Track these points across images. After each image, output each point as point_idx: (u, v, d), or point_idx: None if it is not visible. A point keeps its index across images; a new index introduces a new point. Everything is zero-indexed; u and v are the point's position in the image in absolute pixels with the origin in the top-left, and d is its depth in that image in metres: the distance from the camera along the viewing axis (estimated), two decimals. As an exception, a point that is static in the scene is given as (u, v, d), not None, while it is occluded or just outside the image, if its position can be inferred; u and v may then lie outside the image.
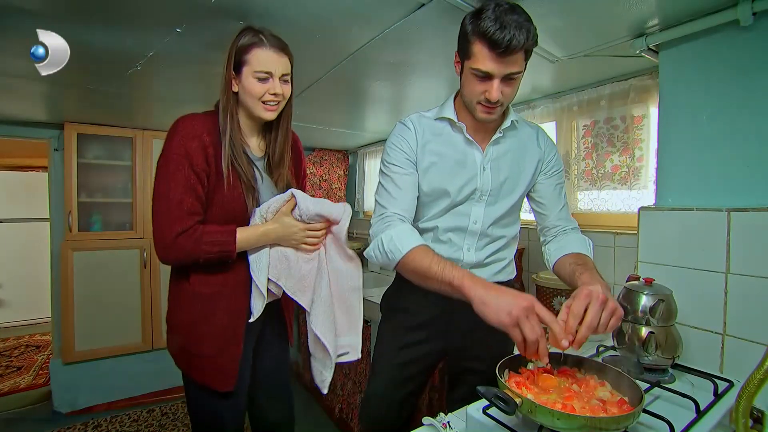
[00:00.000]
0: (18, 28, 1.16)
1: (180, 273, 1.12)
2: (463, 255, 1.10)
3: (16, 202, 4.33)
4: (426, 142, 1.08)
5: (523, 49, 0.89)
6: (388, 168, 1.09)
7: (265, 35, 1.04)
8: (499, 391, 0.71)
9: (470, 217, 1.08)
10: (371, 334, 2.02)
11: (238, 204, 1.08)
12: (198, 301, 1.09)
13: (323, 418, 2.52)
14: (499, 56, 0.89)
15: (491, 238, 1.11)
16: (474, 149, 1.07)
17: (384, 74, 1.60)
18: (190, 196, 1.02)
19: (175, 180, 1.01)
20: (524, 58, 0.92)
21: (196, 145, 1.02)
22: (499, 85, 0.93)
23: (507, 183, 1.09)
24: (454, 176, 1.07)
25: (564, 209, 1.16)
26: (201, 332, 1.09)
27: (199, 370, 1.10)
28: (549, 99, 1.87)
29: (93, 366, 2.62)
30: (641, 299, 1.03)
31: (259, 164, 1.16)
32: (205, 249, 1.02)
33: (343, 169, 3.54)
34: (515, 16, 0.87)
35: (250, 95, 1.05)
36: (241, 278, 1.12)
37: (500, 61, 0.90)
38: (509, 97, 0.96)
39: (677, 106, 1.18)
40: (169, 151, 1.02)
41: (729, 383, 0.93)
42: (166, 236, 1.00)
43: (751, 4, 0.96)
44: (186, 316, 1.10)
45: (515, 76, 0.93)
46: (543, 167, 1.14)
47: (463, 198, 1.07)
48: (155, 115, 2.36)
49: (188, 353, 1.11)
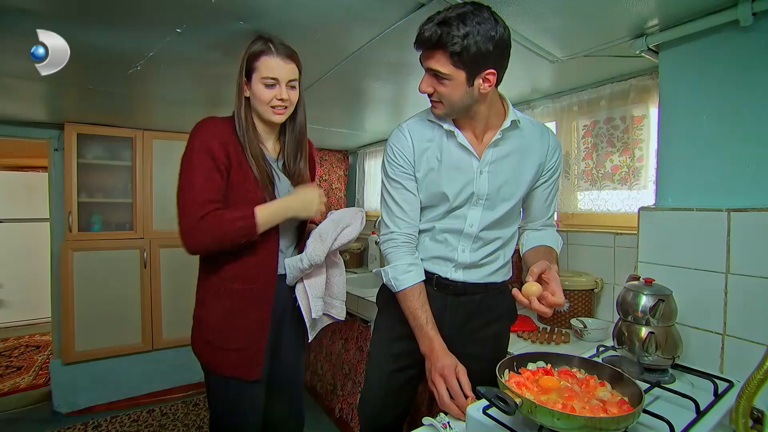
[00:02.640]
0: (18, 28, 1.16)
1: (210, 269, 1.17)
2: (457, 255, 1.11)
3: (16, 202, 4.33)
4: (423, 150, 1.09)
5: (442, 49, 0.90)
6: (388, 182, 1.14)
7: (273, 43, 1.11)
8: (499, 392, 0.71)
9: (467, 219, 1.09)
10: (371, 334, 2.02)
11: (258, 200, 1.13)
12: (230, 296, 1.15)
13: (323, 418, 2.52)
14: (418, 49, 0.95)
15: (486, 240, 1.12)
16: (468, 154, 1.06)
17: (384, 74, 1.60)
18: (210, 185, 1.08)
19: (198, 171, 1.07)
20: (449, 60, 0.91)
21: (217, 142, 1.09)
22: (428, 77, 0.97)
23: (506, 187, 1.08)
24: (451, 181, 1.07)
25: (550, 218, 1.20)
26: (233, 326, 1.15)
27: (230, 363, 1.15)
28: (549, 99, 1.87)
29: (93, 366, 2.62)
30: (641, 299, 1.03)
31: (275, 165, 1.23)
32: (226, 227, 1.06)
33: (343, 169, 3.54)
34: (452, 14, 0.88)
35: (259, 100, 1.13)
36: (271, 272, 1.19)
37: (421, 55, 0.96)
38: (445, 96, 0.97)
39: (677, 106, 1.18)
40: (192, 146, 1.09)
41: (729, 383, 0.93)
42: (190, 223, 1.05)
43: (751, 5, 0.96)
44: (217, 311, 1.15)
45: (440, 75, 0.93)
46: (542, 171, 1.12)
47: (461, 202, 1.08)
48: (155, 115, 2.36)
49: (218, 347, 1.15)
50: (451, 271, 1.13)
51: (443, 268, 1.14)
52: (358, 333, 2.16)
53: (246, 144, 1.13)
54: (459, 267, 1.12)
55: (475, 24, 0.88)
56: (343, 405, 2.29)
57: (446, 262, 1.13)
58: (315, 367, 2.70)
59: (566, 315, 1.61)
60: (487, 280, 1.14)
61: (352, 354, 2.21)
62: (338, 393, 2.34)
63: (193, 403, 2.73)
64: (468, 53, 0.89)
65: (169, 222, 2.76)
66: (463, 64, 0.91)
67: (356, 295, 2.13)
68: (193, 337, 1.21)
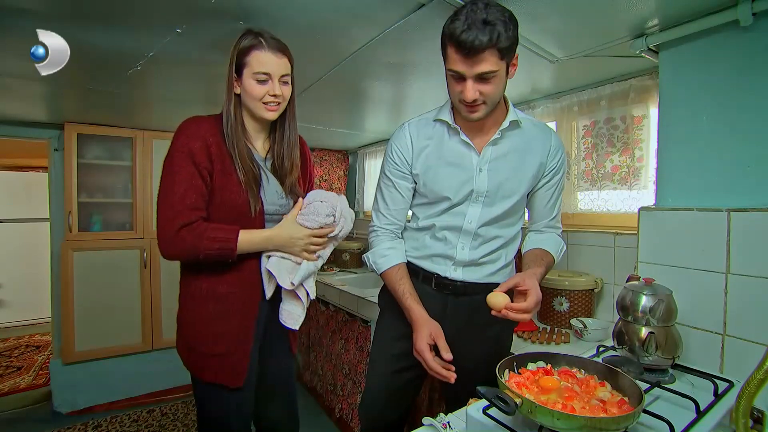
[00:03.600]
0: (18, 29, 1.16)
1: (192, 272, 1.13)
2: (456, 253, 1.12)
3: (16, 203, 4.33)
4: (423, 147, 1.12)
5: (493, 48, 0.89)
6: (382, 178, 1.21)
7: (264, 37, 1.05)
8: (500, 392, 0.71)
9: (466, 216, 1.10)
10: (371, 334, 2.02)
11: (241, 204, 1.09)
12: (212, 300, 1.11)
13: (323, 418, 2.52)
14: (466, 57, 0.90)
15: (486, 237, 1.12)
16: (470, 150, 1.08)
17: (384, 74, 1.60)
18: (193, 192, 1.04)
19: (179, 177, 1.03)
20: (498, 56, 0.91)
21: (199, 144, 1.05)
22: (473, 84, 0.94)
23: (506, 184, 1.09)
24: (452, 179, 1.09)
25: (554, 219, 1.19)
26: (215, 331, 1.11)
27: (210, 369, 1.11)
28: (549, 99, 1.87)
29: (93, 366, 2.62)
30: (641, 299, 1.03)
31: (264, 165, 1.17)
32: (205, 244, 1.03)
33: (343, 169, 3.54)
34: (486, 15, 0.87)
35: (251, 96, 1.07)
36: (255, 279, 1.15)
37: (468, 62, 0.91)
38: (490, 95, 0.96)
39: (677, 106, 1.18)
40: (174, 150, 1.05)
41: (729, 383, 0.93)
42: (169, 230, 1.02)
43: (751, 5, 0.96)
44: (199, 315, 1.12)
45: (488, 75, 0.92)
46: (544, 171, 1.13)
47: (461, 199, 1.09)
48: (155, 115, 2.36)
49: (199, 353, 1.12)
50: (451, 269, 1.13)
51: (442, 266, 1.14)
52: (358, 333, 2.16)
53: (234, 143, 1.08)
54: (458, 265, 1.13)
55: (501, 13, 0.89)
56: (343, 405, 2.29)
57: (446, 259, 1.14)
58: (315, 367, 2.69)
59: (566, 315, 1.61)
60: (488, 281, 1.14)
61: (352, 354, 2.21)
62: (338, 393, 2.34)
63: (193, 404, 2.73)
64: (511, 43, 0.91)
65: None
66: (505, 55, 0.92)
67: (356, 295, 2.13)
68: (177, 342, 1.18)
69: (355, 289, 2.28)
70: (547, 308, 1.66)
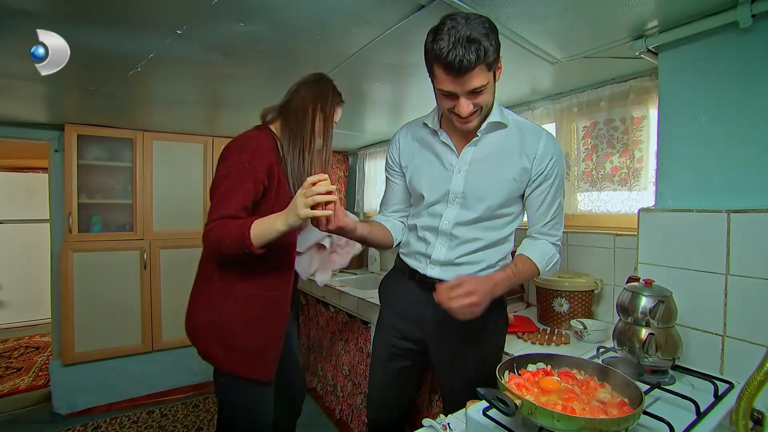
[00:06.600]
0: (18, 29, 1.17)
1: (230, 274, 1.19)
2: (433, 252, 1.15)
3: (16, 203, 4.32)
4: (411, 149, 1.20)
5: (481, 64, 0.89)
6: (385, 174, 1.32)
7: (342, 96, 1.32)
8: (499, 393, 0.71)
9: (442, 217, 1.13)
10: (371, 335, 2.01)
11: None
12: (255, 302, 1.20)
13: (323, 418, 2.52)
14: (456, 77, 0.90)
15: (463, 239, 1.12)
16: (449, 152, 1.12)
17: (384, 76, 1.60)
18: (240, 202, 1.12)
19: (235, 187, 1.12)
20: (486, 70, 0.91)
21: (264, 165, 1.16)
22: (466, 100, 0.95)
23: (482, 187, 1.08)
24: (431, 179, 1.14)
25: (546, 226, 1.14)
26: (259, 330, 1.21)
27: (244, 364, 1.19)
28: (548, 100, 1.87)
29: (93, 367, 2.61)
30: (641, 300, 1.03)
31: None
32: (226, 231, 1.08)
33: (343, 170, 3.54)
34: (469, 31, 0.86)
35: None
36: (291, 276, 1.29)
37: (458, 81, 0.92)
38: (483, 103, 0.97)
39: (677, 107, 1.18)
40: (240, 162, 1.14)
41: (729, 385, 0.93)
42: (207, 223, 1.12)
43: (750, 6, 0.97)
44: (241, 316, 1.19)
45: (479, 89, 0.93)
46: (531, 176, 1.09)
47: (437, 198, 1.13)
48: (155, 116, 2.36)
49: (244, 351, 1.19)
50: (428, 268, 1.16)
51: (422, 264, 1.18)
52: (358, 333, 2.15)
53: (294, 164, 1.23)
54: (435, 264, 1.15)
55: (482, 25, 0.89)
56: (343, 406, 2.29)
57: (424, 258, 1.17)
58: (315, 368, 2.69)
59: (566, 316, 1.61)
60: None
61: (352, 355, 2.21)
62: (338, 394, 2.34)
63: (193, 405, 2.73)
64: (495, 52, 0.91)
65: (169, 223, 2.76)
66: (492, 66, 0.93)
67: (356, 296, 2.13)
68: (201, 338, 1.21)
69: (355, 290, 2.28)
70: (547, 309, 1.66)
